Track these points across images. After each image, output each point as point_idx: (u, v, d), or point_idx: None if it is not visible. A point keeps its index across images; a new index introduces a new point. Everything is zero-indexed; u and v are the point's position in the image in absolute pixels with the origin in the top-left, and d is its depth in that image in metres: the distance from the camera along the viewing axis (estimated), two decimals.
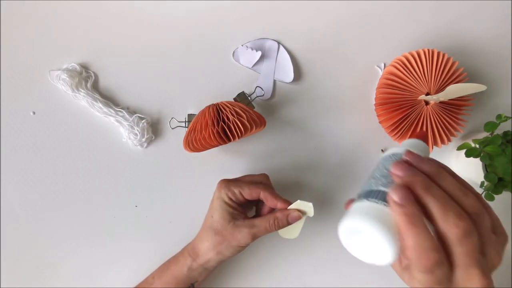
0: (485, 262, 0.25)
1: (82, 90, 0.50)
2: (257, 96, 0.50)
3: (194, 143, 0.42)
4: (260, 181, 0.44)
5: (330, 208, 0.52)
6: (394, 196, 0.24)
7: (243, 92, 0.50)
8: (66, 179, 0.50)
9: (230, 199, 0.41)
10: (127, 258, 0.49)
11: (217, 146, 0.44)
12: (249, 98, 0.50)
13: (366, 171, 0.53)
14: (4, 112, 0.50)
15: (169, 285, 0.42)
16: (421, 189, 0.24)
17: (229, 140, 0.43)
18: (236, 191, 0.41)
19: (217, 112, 0.43)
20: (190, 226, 0.50)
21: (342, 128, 0.54)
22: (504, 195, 0.48)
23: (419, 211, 0.24)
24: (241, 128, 0.41)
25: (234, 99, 0.50)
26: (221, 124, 0.42)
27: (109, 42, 0.52)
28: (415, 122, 0.48)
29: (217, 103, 0.45)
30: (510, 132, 0.46)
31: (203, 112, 0.44)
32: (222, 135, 0.43)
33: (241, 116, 0.42)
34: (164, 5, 0.54)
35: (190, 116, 0.49)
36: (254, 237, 0.41)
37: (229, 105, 0.43)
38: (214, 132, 0.42)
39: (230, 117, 0.42)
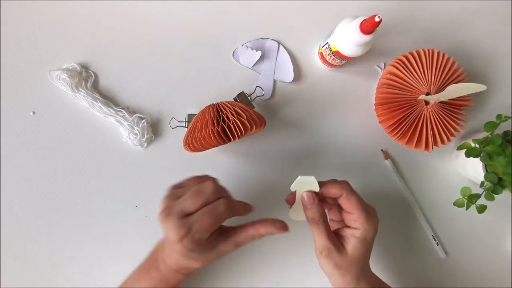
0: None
1: (82, 90, 0.50)
2: (257, 96, 0.50)
3: (194, 143, 0.42)
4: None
5: None
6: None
7: (243, 92, 0.50)
8: (66, 179, 0.50)
9: (203, 240, 0.36)
10: (127, 258, 0.49)
11: (217, 146, 0.44)
12: (249, 98, 0.50)
13: (366, 170, 0.53)
14: (4, 112, 0.50)
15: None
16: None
17: (229, 140, 0.43)
18: (204, 235, 0.35)
19: (217, 112, 0.43)
20: None
21: (342, 128, 0.54)
22: (504, 195, 0.48)
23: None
24: (241, 128, 0.41)
25: (234, 99, 0.50)
26: (221, 124, 0.42)
27: (109, 42, 0.53)
28: (415, 122, 0.48)
29: (217, 103, 0.45)
30: (510, 132, 0.46)
31: (203, 112, 0.44)
32: (222, 135, 0.43)
33: (241, 116, 0.42)
34: (164, 5, 0.54)
35: (190, 116, 0.49)
36: (239, 247, 0.39)
37: (229, 105, 0.43)
38: (214, 132, 0.42)
39: (230, 117, 0.41)
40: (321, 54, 0.52)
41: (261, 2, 0.55)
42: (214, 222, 0.35)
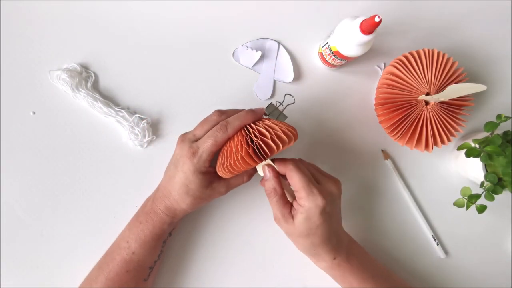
0: (322, 187, 0.41)
1: (82, 90, 0.50)
2: (288, 104, 0.47)
3: (234, 165, 0.39)
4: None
5: None
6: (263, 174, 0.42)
7: (271, 103, 0.46)
8: (66, 179, 0.50)
9: (206, 167, 0.41)
10: None
11: (255, 165, 0.41)
12: (279, 108, 0.47)
13: (366, 171, 0.53)
14: (4, 112, 0.50)
15: (150, 243, 0.43)
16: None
17: (263, 158, 0.41)
18: (208, 157, 0.41)
19: (246, 133, 0.41)
20: (190, 225, 0.50)
21: (342, 128, 0.54)
22: (504, 195, 0.48)
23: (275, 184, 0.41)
24: (265, 149, 0.39)
25: (264, 113, 0.46)
26: (251, 145, 0.40)
27: (109, 42, 0.53)
28: (415, 122, 0.48)
29: (245, 125, 0.42)
30: (510, 132, 0.46)
31: (232, 137, 0.42)
32: (254, 156, 0.40)
33: (265, 136, 0.40)
34: (164, 5, 0.54)
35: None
36: (229, 191, 0.45)
37: (253, 126, 0.41)
38: (249, 151, 0.39)
39: (254, 139, 0.40)
40: (321, 54, 0.52)
41: (261, 2, 0.55)
42: (214, 142, 0.40)
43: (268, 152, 0.39)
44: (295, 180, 0.40)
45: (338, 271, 0.43)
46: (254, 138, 0.40)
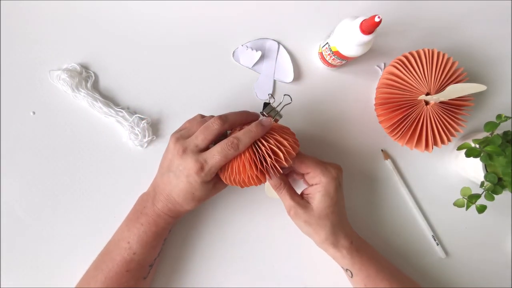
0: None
1: (82, 90, 0.50)
2: (285, 105, 0.46)
3: (242, 183, 0.40)
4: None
5: None
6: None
7: (270, 104, 0.45)
8: (66, 179, 0.50)
9: (212, 177, 0.41)
10: None
11: (263, 183, 0.42)
12: (277, 109, 0.45)
13: (366, 171, 0.53)
14: (4, 112, 0.50)
15: (152, 243, 0.43)
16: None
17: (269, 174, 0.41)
18: (216, 171, 0.40)
19: (256, 150, 0.40)
20: (190, 225, 0.50)
21: (342, 128, 0.54)
22: (504, 195, 0.48)
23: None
24: (278, 169, 0.39)
25: (261, 113, 0.45)
26: (264, 165, 0.40)
27: (109, 42, 0.53)
28: (415, 122, 0.48)
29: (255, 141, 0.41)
30: (510, 132, 0.46)
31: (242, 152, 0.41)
32: (260, 177, 0.40)
33: (279, 157, 0.40)
34: (164, 5, 0.54)
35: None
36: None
37: (265, 144, 0.40)
38: (258, 174, 0.40)
39: (268, 159, 0.39)
40: (321, 54, 0.52)
41: (261, 2, 0.55)
42: (224, 159, 0.39)
43: (281, 171, 0.40)
44: (308, 161, 0.42)
45: (358, 257, 0.43)
46: (268, 159, 0.39)
